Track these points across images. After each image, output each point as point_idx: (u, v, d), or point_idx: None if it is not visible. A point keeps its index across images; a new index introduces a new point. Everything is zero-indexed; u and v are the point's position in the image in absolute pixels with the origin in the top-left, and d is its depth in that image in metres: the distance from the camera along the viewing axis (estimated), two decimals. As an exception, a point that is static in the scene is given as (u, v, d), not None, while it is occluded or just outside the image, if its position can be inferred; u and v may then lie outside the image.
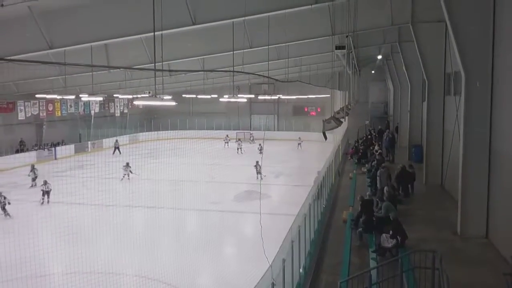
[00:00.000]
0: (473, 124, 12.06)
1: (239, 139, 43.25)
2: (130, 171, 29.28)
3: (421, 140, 23.74)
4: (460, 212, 12.33)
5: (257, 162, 27.73)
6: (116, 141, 41.12)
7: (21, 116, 36.44)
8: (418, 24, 18.32)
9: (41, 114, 38.49)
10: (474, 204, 12.06)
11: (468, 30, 11.69)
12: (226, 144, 44.03)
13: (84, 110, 43.12)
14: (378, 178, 16.45)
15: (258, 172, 27.47)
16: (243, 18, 14.72)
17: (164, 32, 12.56)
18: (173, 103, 15.38)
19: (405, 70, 27.13)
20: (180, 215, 20.80)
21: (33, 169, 27.29)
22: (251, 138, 46.95)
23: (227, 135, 45.57)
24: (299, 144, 42.93)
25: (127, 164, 29.53)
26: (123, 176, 29.07)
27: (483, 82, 11.74)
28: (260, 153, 34.64)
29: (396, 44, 26.97)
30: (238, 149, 40.46)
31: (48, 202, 23.36)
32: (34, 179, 26.89)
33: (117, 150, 39.77)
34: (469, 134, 12.14)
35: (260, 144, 36.75)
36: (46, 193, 23.48)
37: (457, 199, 12.77)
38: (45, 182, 23.52)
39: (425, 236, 12.23)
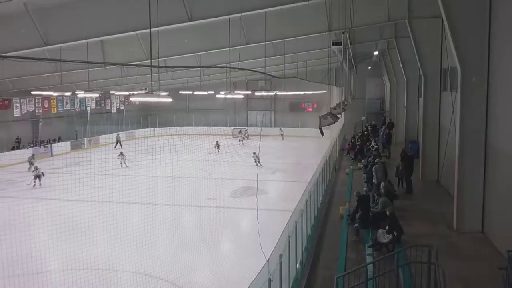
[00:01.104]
0: (469, 120, 12.10)
1: (240, 132, 46.06)
2: (124, 159, 32.32)
3: (417, 135, 23.80)
4: (456, 207, 12.39)
5: (254, 153, 29.74)
6: (118, 135, 42.28)
7: (16, 113, 36.31)
8: (414, 19, 18.33)
9: (37, 111, 38.36)
10: (470, 199, 12.12)
11: (464, 25, 11.71)
12: (241, 141, 44.54)
13: (80, 107, 43.04)
14: (374, 173, 16.49)
15: (256, 161, 29.24)
16: (240, 14, 14.70)
17: (160, 28, 12.55)
18: (170, 100, 15.40)
19: (401, 66, 27.16)
20: (176, 211, 20.80)
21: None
22: (246, 135, 47.38)
23: (239, 131, 46.71)
24: (281, 135, 46.10)
25: (121, 153, 32.61)
26: (120, 165, 31.93)
27: (479, 77, 11.78)
28: (218, 151, 34.96)
29: (392, 40, 27.01)
30: (239, 141, 43.40)
31: (40, 185, 25.29)
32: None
33: (118, 144, 40.77)
34: (465, 129, 12.19)
35: (217, 141, 37.09)
36: (37, 177, 25.37)
37: (453, 194, 12.83)
38: (36, 168, 25.76)
39: (421, 231, 12.29)
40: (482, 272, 9.64)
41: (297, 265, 10.04)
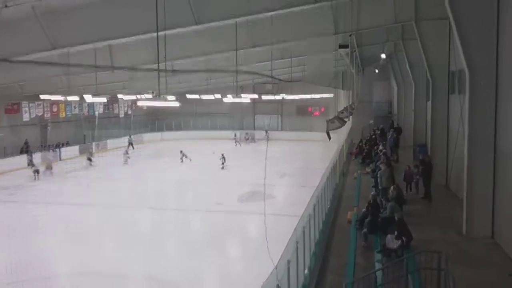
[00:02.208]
0: (478, 123, 11.96)
1: (235, 135, 47.79)
2: (128, 157, 35.17)
3: (425, 139, 23.61)
4: (466, 212, 12.22)
5: (222, 154, 32.35)
6: (130, 136, 43.51)
7: (25, 117, 36.54)
8: (421, 21, 18.20)
9: (45, 115, 38.61)
10: (479, 204, 11.96)
11: (472, 27, 11.58)
12: (238, 143, 45.61)
13: (88, 111, 43.26)
14: (378, 178, 16.33)
15: (222, 163, 32.01)
16: (246, 18, 14.68)
17: (167, 32, 12.55)
18: (177, 104, 15.41)
19: (408, 69, 27.00)
20: (184, 216, 20.80)
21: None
22: (250, 138, 48.00)
23: (235, 134, 47.11)
24: (266, 136, 48.24)
25: (126, 151, 36.03)
26: (125, 161, 34.81)
27: (488, 80, 11.64)
28: (182, 161, 34.41)
29: (399, 42, 26.84)
30: (236, 142, 45.35)
31: (39, 178, 28.90)
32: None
33: (130, 145, 41.78)
34: (474, 133, 12.04)
35: (181, 151, 35.13)
36: (36, 171, 28.96)
37: (462, 199, 12.67)
38: (33, 164, 30.49)
39: (430, 237, 12.15)
40: (492, 278, 9.49)
41: (305, 271, 9.96)
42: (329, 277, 10.23)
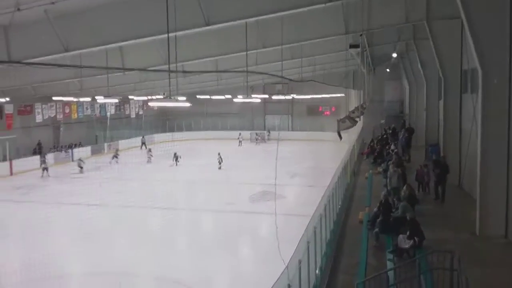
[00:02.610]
0: (491, 122, 11.83)
1: (257, 134, 49.34)
2: (151, 155, 36.51)
3: (438, 138, 23.42)
4: (479, 212, 12.10)
5: (218, 153, 32.66)
6: (143, 137, 44.81)
7: (38, 118, 36.97)
8: (433, 21, 18.06)
9: (58, 117, 39.02)
10: (493, 204, 11.83)
11: (484, 25, 11.45)
12: (240, 143, 46.18)
13: (100, 112, 43.64)
14: (388, 179, 16.20)
15: (219, 162, 32.37)
16: (256, 18, 14.69)
17: (177, 33, 12.61)
18: (188, 104, 15.46)
19: (420, 68, 26.81)
20: (195, 216, 20.87)
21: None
22: (260, 138, 48.15)
23: (240, 134, 47.41)
24: (268, 136, 49.73)
25: (149, 149, 38.01)
26: (148, 159, 36.32)
27: (501, 79, 11.51)
28: (176, 165, 34.19)
29: (411, 41, 26.66)
30: (239, 142, 46.15)
31: (48, 175, 30.42)
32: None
33: (144, 145, 43.02)
34: (487, 132, 11.91)
35: (175, 153, 34.74)
36: (45, 169, 30.48)
37: (476, 199, 12.55)
38: (44, 161, 31.87)
39: (443, 237, 12.05)
40: (506, 278, 9.40)
41: (317, 271, 9.94)
42: (341, 277, 10.21)
